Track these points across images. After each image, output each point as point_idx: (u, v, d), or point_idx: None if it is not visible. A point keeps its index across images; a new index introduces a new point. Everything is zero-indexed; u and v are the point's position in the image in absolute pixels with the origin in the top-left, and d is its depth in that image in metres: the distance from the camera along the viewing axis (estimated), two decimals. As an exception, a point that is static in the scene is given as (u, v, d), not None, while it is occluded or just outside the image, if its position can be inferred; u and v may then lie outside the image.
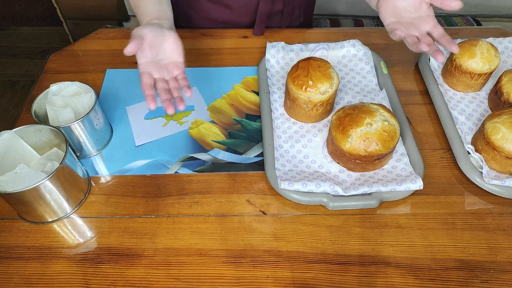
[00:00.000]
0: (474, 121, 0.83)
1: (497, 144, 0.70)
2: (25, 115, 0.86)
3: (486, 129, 0.72)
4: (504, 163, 0.72)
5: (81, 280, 0.63)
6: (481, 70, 0.83)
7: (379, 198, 0.70)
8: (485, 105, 0.86)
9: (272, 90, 0.89)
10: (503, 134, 0.70)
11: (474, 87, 0.87)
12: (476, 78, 0.85)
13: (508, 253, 0.65)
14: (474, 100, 0.87)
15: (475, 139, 0.77)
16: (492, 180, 0.71)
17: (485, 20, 1.74)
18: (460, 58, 0.85)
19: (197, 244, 0.67)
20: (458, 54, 0.85)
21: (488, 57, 0.83)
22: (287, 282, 0.62)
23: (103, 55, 1.00)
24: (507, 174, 0.73)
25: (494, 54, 0.83)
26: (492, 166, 0.74)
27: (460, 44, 0.86)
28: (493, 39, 0.96)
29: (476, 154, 0.74)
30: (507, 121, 0.70)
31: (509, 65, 0.94)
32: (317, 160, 0.77)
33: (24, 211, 0.68)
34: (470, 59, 0.83)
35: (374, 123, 0.70)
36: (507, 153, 0.70)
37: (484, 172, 0.72)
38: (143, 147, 0.81)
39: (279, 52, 0.94)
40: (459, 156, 0.76)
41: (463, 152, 0.76)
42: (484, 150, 0.73)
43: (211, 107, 0.89)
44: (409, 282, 0.62)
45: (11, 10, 2.53)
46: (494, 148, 0.71)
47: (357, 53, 0.95)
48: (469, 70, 0.84)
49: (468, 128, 0.81)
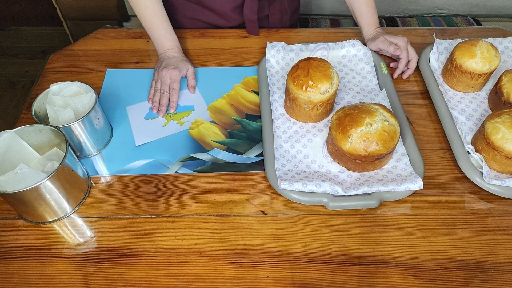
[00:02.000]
0: (474, 121, 0.83)
1: (497, 144, 0.70)
2: (25, 115, 0.86)
3: (486, 129, 0.72)
4: (504, 163, 0.72)
5: (81, 280, 0.63)
6: (481, 70, 0.83)
7: (379, 198, 0.70)
8: (485, 105, 0.86)
9: (272, 90, 0.89)
10: (503, 134, 0.70)
11: (474, 87, 0.87)
12: (476, 78, 0.85)
13: (508, 253, 0.65)
14: (474, 100, 0.87)
15: (475, 139, 0.77)
16: (492, 180, 0.71)
17: (485, 20, 1.74)
18: (460, 58, 0.85)
19: (197, 244, 0.67)
20: (458, 54, 0.85)
21: (488, 57, 0.83)
22: (287, 282, 0.62)
23: (103, 55, 1.00)
24: (507, 174, 0.73)
25: (494, 54, 0.83)
26: (492, 166, 0.74)
27: (460, 44, 0.86)
28: (493, 39, 0.96)
29: (476, 154, 0.74)
30: (507, 121, 0.70)
31: (510, 65, 0.94)
32: (317, 160, 0.77)
33: (24, 211, 0.68)
34: (470, 59, 0.83)
35: (374, 123, 0.70)
36: (507, 153, 0.70)
37: (484, 172, 0.72)
38: (143, 147, 0.81)
39: (279, 52, 0.94)
40: (459, 156, 0.76)
41: (463, 152, 0.76)
42: (484, 150, 0.73)
43: (211, 107, 0.89)
44: (409, 282, 0.62)
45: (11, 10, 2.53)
46: (494, 148, 0.71)
47: (357, 53, 0.95)
48: (469, 70, 0.84)
49: (468, 128, 0.81)
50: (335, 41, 0.97)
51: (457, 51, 0.86)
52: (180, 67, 0.90)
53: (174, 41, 0.95)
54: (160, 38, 0.94)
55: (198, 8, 1.03)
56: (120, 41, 1.04)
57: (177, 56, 0.93)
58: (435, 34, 0.98)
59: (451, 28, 1.08)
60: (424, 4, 1.75)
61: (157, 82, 0.90)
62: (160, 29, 0.94)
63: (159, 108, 0.87)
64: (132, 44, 1.03)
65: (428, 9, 1.78)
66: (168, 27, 0.95)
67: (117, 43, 1.04)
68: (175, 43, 0.95)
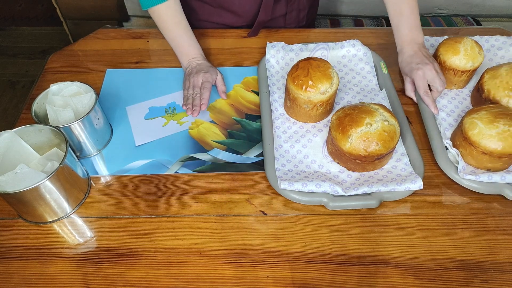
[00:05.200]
0: (455, 117, 0.83)
1: (474, 140, 0.71)
2: (25, 115, 0.86)
3: (464, 124, 0.73)
4: (481, 159, 0.72)
5: (81, 280, 0.63)
6: (464, 67, 0.84)
7: (379, 198, 0.70)
8: (467, 102, 0.86)
9: (272, 90, 0.89)
10: (480, 130, 0.70)
11: (457, 84, 0.88)
12: (460, 75, 0.85)
13: (508, 253, 0.65)
14: (457, 96, 0.87)
15: (454, 135, 0.77)
16: (467, 175, 0.71)
17: (485, 20, 1.74)
18: (444, 54, 0.85)
19: (197, 244, 0.67)
20: (443, 50, 0.86)
21: (471, 54, 0.83)
22: (287, 282, 0.62)
23: (103, 55, 1.00)
24: (483, 169, 0.73)
25: (477, 51, 0.84)
26: (468, 162, 0.74)
27: (445, 41, 0.87)
28: (479, 37, 0.96)
29: (453, 149, 0.75)
30: (484, 117, 0.71)
31: (495, 63, 0.94)
32: (317, 160, 0.77)
33: (24, 211, 0.68)
34: (454, 56, 0.84)
35: (374, 123, 0.70)
36: (483, 148, 0.70)
37: (459, 167, 0.72)
38: (143, 147, 0.81)
39: (279, 52, 0.94)
40: (437, 152, 0.76)
41: (442, 147, 0.76)
42: (461, 145, 0.74)
43: (211, 107, 0.89)
44: (409, 282, 0.62)
45: (11, 10, 2.53)
46: (471, 144, 0.71)
47: (357, 53, 0.95)
48: (453, 67, 0.84)
49: (448, 124, 0.81)
50: (335, 41, 0.97)
51: (441, 48, 0.86)
52: (211, 72, 0.90)
53: (198, 49, 0.94)
54: (184, 48, 0.93)
55: (216, 10, 1.03)
56: (120, 41, 1.04)
57: (204, 63, 0.92)
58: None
59: (451, 28, 1.08)
60: (424, 4, 1.75)
61: (189, 89, 0.88)
62: (184, 39, 0.93)
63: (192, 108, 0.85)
64: (132, 44, 1.03)
65: (428, 9, 1.77)
66: (191, 36, 0.93)
67: (117, 43, 1.04)
68: (199, 51, 0.94)
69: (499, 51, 0.95)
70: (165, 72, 0.96)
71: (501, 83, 0.78)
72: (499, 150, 0.69)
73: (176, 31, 0.92)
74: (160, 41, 1.03)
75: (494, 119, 0.70)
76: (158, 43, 1.03)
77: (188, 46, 0.93)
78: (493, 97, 0.79)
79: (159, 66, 0.98)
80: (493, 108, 0.72)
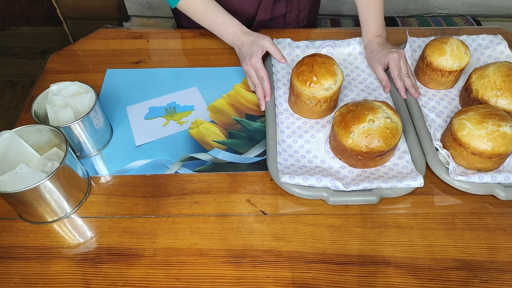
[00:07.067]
0: (444, 118, 0.83)
1: (463, 140, 0.70)
2: (25, 115, 0.86)
3: (453, 125, 0.73)
4: (471, 160, 0.72)
5: (81, 280, 0.63)
6: (451, 68, 0.84)
7: (379, 194, 0.70)
8: (456, 102, 0.86)
9: (277, 86, 0.89)
10: (469, 131, 0.70)
11: (445, 85, 0.88)
12: (447, 75, 0.85)
13: (508, 253, 0.65)
14: (446, 97, 0.87)
15: (444, 136, 0.77)
16: (458, 176, 0.71)
17: (485, 20, 1.74)
18: (430, 55, 0.85)
19: (197, 244, 0.67)
20: (429, 51, 0.86)
21: (458, 55, 0.83)
22: (287, 282, 0.62)
23: (103, 55, 1.00)
24: (474, 170, 0.73)
25: (464, 51, 0.84)
26: (459, 163, 0.74)
27: (431, 42, 0.87)
28: (466, 36, 0.96)
29: (444, 151, 0.75)
30: (473, 117, 0.70)
31: (483, 62, 0.94)
32: (319, 156, 0.77)
33: (24, 211, 0.68)
34: (440, 57, 0.84)
35: (376, 120, 0.70)
36: (473, 149, 0.70)
37: (450, 168, 0.72)
38: (143, 147, 0.81)
39: (285, 48, 0.95)
40: (427, 153, 0.76)
41: (432, 148, 0.76)
42: (451, 146, 0.74)
43: (211, 107, 0.89)
44: (409, 282, 0.62)
45: (11, 10, 2.53)
46: (461, 145, 0.71)
47: (362, 51, 0.96)
48: (440, 68, 0.84)
49: (438, 125, 0.81)
50: (336, 41, 0.97)
51: (428, 49, 0.86)
52: (254, 51, 0.86)
53: (234, 24, 0.92)
54: (221, 29, 0.93)
55: None
56: (120, 41, 1.04)
57: (245, 41, 0.90)
58: (408, 32, 0.98)
59: (451, 28, 1.08)
60: (424, 4, 1.75)
61: (247, 78, 0.89)
62: (217, 20, 0.93)
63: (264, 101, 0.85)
64: (132, 44, 1.03)
65: (428, 9, 1.77)
66: (224, 14, 0.93)
67: (117, 43, 1.04)
68: (237, 26, 0.92)
69: (486, 50, 0.95)
70: (165, 72, 0.96)
71: (488, 83, 0.78)
72: (489, 150, 0.69)
73: (209, 17, 0.93)
74: (160, 41, 1.03)
75: (483, 120, 0.69)
76: (158, 43, 1.03)
77: (223, 26, 0.93)
78: (481, 97, 0.79)
79: (159, 66, 0.98)
80: (481, 108, 0.72)
